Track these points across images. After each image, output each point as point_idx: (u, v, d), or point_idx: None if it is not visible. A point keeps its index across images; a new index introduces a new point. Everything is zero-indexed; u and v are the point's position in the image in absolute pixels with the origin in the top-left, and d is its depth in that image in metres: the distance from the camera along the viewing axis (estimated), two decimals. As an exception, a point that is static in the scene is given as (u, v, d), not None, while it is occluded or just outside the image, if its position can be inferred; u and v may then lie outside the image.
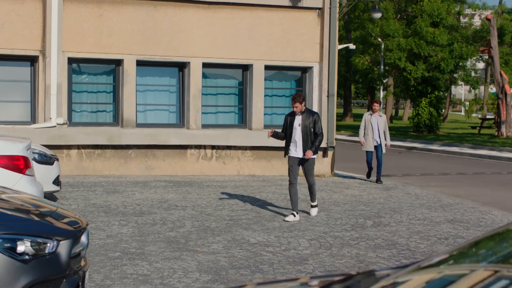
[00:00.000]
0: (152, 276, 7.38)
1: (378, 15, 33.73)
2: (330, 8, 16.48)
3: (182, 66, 16.10)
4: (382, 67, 40.93)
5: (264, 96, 16.57)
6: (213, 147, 16.17)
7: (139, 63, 15.69)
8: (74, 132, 15.11)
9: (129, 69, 15.51)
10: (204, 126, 16.15)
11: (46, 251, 4.98)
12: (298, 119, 10.94)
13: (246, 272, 7.70)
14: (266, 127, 16.43)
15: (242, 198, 12.81)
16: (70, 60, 15.27)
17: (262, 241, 9.30)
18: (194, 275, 7.50)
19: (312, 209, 11.42)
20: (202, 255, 8.38)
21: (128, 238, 9.21)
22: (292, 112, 11.06)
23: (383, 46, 39.30)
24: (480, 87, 54.72)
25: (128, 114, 15.55)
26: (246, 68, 16.49)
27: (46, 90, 14.88)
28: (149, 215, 10.88)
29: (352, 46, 38.06)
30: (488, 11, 54.81)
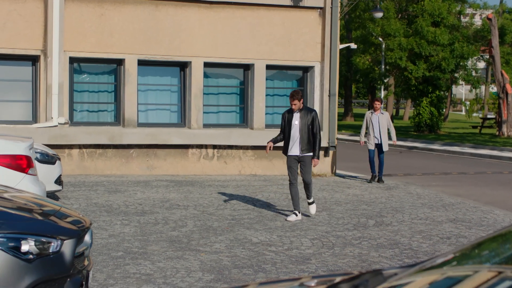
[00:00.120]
0: (155, 276, 7.38)
1: (379, 14, 33.71)
2: (331, 7, 16.48)
3: (183, 66, 16.10)
4: (383, 66, 40.90)
5: (265, 95, 16.57)
6: (214, 147, 16.17)
7: (141, 63, 15.69)
8: (75, 131, 15.10)
9: (130, 68, 15.51)
10: (205, 126, 16.14)
11: (50, 251, 4.98)
12: (296, 117, 10.81)
13: (249, 271, 7.69)
14: (267, 126, 16.44)
15: (243, 198, 12.81)
16: (72, 60, 15.27)
17: (264, 240, 9.30)
18: (197, 274, 7.50)
19: (310, 206, 11.06)
20: (204, 255, 8.37)
21: (131, 237, 9.21)
22: (290, 109, 10.91)
23: (384, 46, 39.26)
24: (481, 87, 54.70)
25: (129, 113, 15.55)
26: (247, 67, 16.49)
27: (47, 90, 14.88)
28: (151, 214, 10.87)
29: (353, 46, 38.04)
30: (489, 11, 54.75)
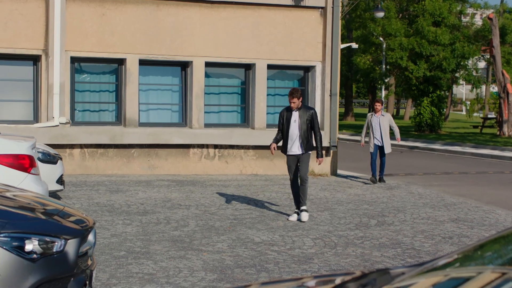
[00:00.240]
0: (158, 275, 7.38)
1: (381, 14, 33.73)
2: (332, 7, 16.47)
3: (184, 65, 16.09)
4: (384, 66, 40.91)
5: (266, 95, 16.56)
6: (215, 147, 16.16)
7: (142, 62, 15.68)
8: (76, 131, 15.10)
9: (131, 68, 15.51)
10: (206, 126, 16.14)
11: (54, 250, 4.97)
12: (295, 115, 10.67)
13: (251, 271, 7.69)
14: (268, 126, 16.43)
15: (245, 198, 12.81)
16: (73, 59, 15.27)
17: (266, 240, 9.30)
18: (200, 274, 7.50)
19: (303, 213, 10.61)
20: (207, 254, 8.37)
21: (133, 237, 9.20)
22: (288, 108, 10.75)
23: (385, 46, 39.27)
24: (482, 87, 54.67)
25: (130, 113, 15.55)
26: (248, 67, 16.48)
27: (48, 89, 14.88)
28: (153, 214, 10.87)
29: (354, 45, 38.04)
30: (489, 11, 54.76)
